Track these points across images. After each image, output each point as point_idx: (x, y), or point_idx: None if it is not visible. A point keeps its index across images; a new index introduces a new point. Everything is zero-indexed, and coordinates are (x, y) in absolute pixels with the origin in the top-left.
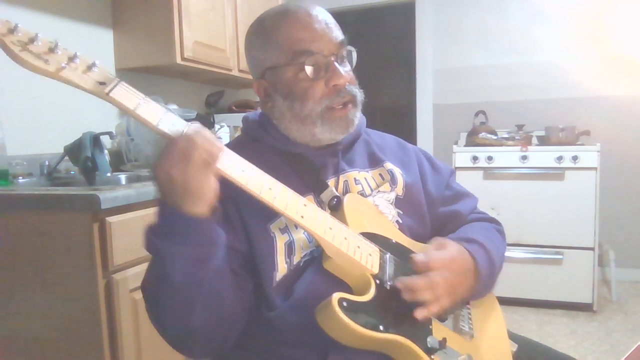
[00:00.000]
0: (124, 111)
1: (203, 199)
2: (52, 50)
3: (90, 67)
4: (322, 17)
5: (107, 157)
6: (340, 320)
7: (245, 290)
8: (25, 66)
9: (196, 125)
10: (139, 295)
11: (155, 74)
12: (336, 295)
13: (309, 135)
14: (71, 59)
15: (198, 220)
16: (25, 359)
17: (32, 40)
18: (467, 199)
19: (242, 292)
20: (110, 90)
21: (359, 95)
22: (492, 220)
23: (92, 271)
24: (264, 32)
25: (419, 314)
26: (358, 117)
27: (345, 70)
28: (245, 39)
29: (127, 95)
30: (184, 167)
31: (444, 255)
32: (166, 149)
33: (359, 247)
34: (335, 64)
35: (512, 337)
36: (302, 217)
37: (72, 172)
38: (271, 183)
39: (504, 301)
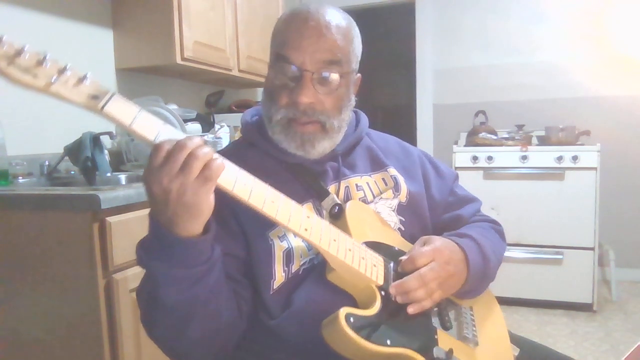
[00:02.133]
0: (119, 126)
1: (200, 217)
2: (40, 63)
3: (81, 80)
4: (322, 30)
5: (107, 157)
6: (347, 336)
7: (243, 297)
8: (13, 82)
9: (197, 138)
10: None
11: (155, 74)
12: (343, 311)
13: (277, 140)
14: (61, 71)
15: (194, 241)
16: (25, 359)
17: (18, 52)
18: (469, 204)
19: (240, 298)
20: (104, 105)
21: (334, 123)
22: (492, 221)
23: (92, 271)
24: (274, 26)
25: (411, 308)
26: (329, 143)
27: (321, 91)
28: None
29: (122, 109)
30: (182, 180)
31: (427, 248)
32: (164, 160)
33: (363, 258)
34: (306, 81)
35: (513, 338)
36: (305, 229)
37: (72, 172)
38: (274, 196)
39: (504, 301)
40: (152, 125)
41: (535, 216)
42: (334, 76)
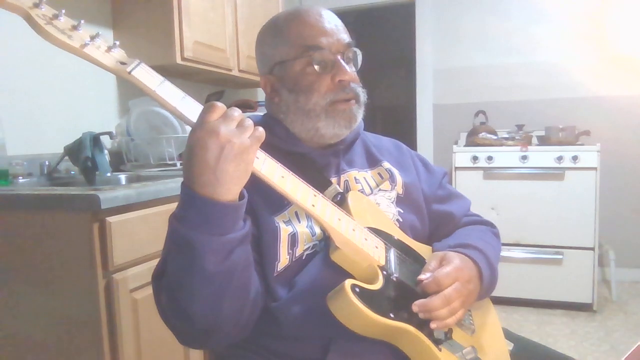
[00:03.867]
0: (143, 91)
1: (244, 178)
2: (75, 27)
3: (111, 48)
4: (332, 18)
5: (107, 157)
6: (353, 305)
7: (260, 274)
8: (50, 40)
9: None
10: (139, 295)
11: None
12: (349, 282)
13: (312, 129)
14: (93, 37)
15: (233, 206)
16: (25, 359)
17: (55, 16)
18: (459, 200)
19: (259, 278)
20: (132, 70)
21: (362, 95)
22: (486, 223)
23: (92, 271)
24: (276, 29)
25: (434, 324)
26: (361, 115)
27: (351, 69)
28: (257, 38)
29: (148, 75)
30: (239, 136)
31: (450, 269)
32: (224, 117)
33: (366, 239)
34: (342, 61)
35: (509, 336)
36: (313, 205)
37: (72, 172)
38: (284, 172)
39: (504, 301)
40: (175, 93)
41: (535, 216)
42: (357, 54)
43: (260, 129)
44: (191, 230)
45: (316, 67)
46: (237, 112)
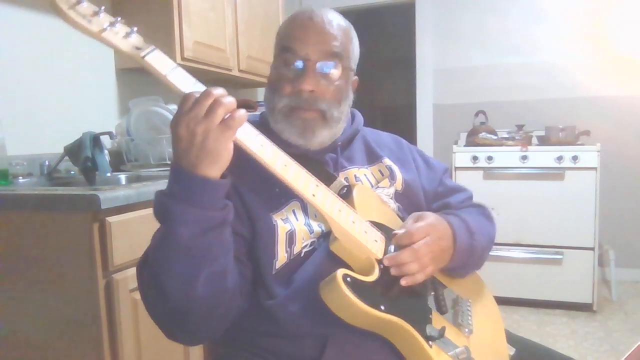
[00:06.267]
0: (155, 76)
1: (219, 163)
2: (96, 13)
3: (129, 34)
4: (323, 25)
5: (107, 157)
6: (343, 294)
7: (246, 277)
8: (71, 23)
9: (221, 89)
10: (139, 295)
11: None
12: (341, 271)
13: (278, 130)
14: (112, 23)
15: (212, 182)
16: (25, 359)
17: (78, 2)
18: (459, 193)
19: (241, 278)
20: (146, 55)
21: (333, 113)
22: (478, 206)
23: (92, 271)
24: (280, 26)
25: (404, 281)
26: (325, 132)
27: (323, 82)
28: None
29: (161, 61)
30: (206, 125)
31: (422, 224)
32: (191, 105)
33: (366, 232)
34: (309, 70)
35: (511, 338)
36: (313, 195)
37: (72, 172)
38: (286, 160)
39: (504, 301)
40: (185, 79)
41: (535, 216)
42: (335, 68)
43: (241, 111)
44: (171, 199)
45: (284, 68)
46: (207, 97)
